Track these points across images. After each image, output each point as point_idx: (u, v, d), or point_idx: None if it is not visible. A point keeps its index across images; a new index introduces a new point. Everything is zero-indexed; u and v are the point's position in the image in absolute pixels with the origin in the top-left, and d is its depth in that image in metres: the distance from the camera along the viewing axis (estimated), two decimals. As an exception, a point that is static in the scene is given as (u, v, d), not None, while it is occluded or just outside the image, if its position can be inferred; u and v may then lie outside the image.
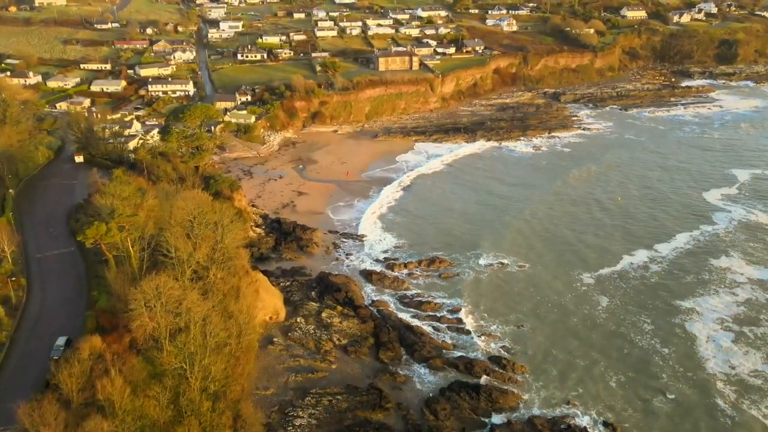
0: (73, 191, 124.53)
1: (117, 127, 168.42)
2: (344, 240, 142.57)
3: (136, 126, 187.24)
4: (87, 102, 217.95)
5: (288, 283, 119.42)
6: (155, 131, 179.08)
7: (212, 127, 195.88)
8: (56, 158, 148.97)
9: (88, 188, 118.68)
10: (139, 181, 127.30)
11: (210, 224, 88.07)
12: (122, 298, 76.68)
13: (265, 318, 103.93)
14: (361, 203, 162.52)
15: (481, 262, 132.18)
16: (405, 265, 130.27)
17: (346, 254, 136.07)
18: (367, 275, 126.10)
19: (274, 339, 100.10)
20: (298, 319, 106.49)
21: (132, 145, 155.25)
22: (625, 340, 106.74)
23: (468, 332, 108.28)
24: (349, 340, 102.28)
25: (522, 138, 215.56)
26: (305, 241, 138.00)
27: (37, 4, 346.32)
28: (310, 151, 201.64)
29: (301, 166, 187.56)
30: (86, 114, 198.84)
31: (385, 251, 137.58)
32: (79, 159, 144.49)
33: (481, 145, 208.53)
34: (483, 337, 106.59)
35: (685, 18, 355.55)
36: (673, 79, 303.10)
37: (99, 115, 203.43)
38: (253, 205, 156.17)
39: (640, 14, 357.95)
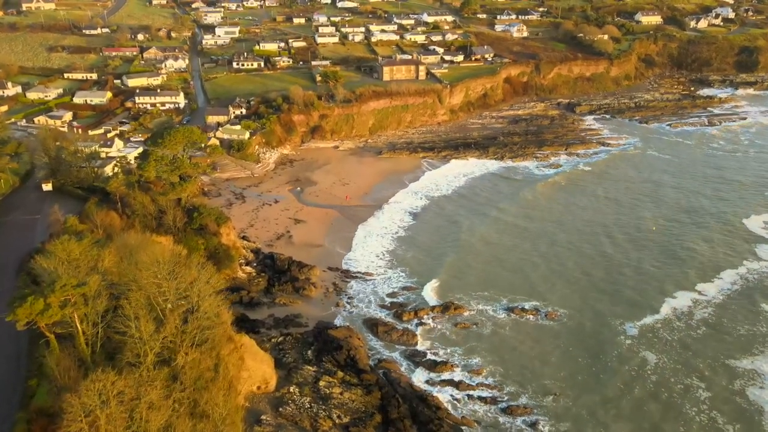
0: (34, 229, 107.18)
1: (95, 147, 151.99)
2: (345, 279, 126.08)
3: (118, 145, 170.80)
4: (68, 116, 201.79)
5: (281, 339, 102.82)
6: (138, 150, 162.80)
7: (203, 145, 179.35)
8: (22, 185, 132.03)
9: (49, 228, 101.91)
10: (111, 216, 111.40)
11: (182, 288, 71.42)
12: (66, 391, 60.02)
13: (251, 389, 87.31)
14: (363, 233, 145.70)
15: (502, 309, 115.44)
16: (415, 313, 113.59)
17: (348, 298, 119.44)
18: (372, 326, 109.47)
19: (262, 417, 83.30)
20: (292, 389, 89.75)
21: (108, 169, 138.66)
22: (680, 413, 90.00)
23: (493, 402, 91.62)
24: (352, 418, 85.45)
25: (538, 155, 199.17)
26: (302, 282, 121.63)
27: (24, 9, 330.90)
28: (309, 170, 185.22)
29: (298, 188, 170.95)
30: (65, 129, 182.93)
31: (392, 294, 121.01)
32: (47, 187, 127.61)
33: (494, 164, 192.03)
34: (512, 411, 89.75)
35: (703, 24, 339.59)
36: (692, 88, 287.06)
37: (80, 131, 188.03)
38: (243, 237, 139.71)
39: (656, 19, 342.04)
